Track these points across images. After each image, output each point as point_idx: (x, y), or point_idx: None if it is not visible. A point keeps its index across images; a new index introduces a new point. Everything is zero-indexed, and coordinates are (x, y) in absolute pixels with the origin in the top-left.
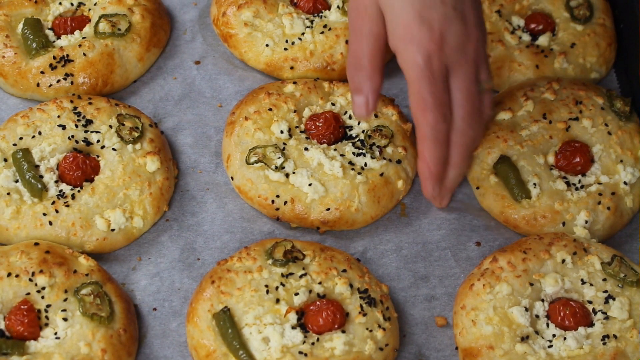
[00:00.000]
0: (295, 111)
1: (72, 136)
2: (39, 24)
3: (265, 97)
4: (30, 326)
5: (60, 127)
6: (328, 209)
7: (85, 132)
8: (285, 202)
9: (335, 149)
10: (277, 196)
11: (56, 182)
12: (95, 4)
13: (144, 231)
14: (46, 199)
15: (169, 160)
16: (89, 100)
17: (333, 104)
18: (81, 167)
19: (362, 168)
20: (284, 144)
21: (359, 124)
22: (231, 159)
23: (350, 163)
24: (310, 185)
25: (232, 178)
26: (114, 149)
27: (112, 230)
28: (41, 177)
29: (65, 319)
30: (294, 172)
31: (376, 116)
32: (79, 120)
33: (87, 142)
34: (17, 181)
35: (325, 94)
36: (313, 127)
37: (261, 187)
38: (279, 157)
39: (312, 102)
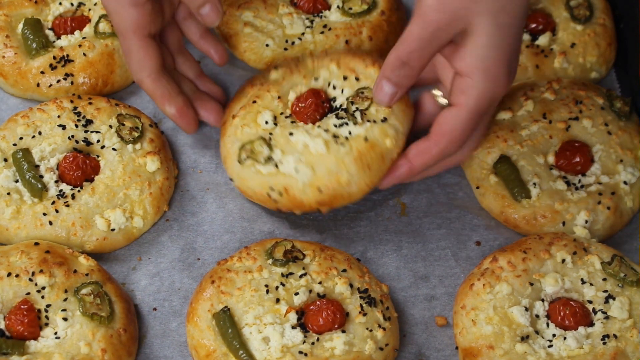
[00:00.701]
0: (279, 97)
1: (72, 136)
2: (39, 24)
3: (249, 89)
4: (30, 326)
5: (60, 127)
6: (320, 190)
7: (85, 132)
8: (280, 193)
9: (319, 126)
10: (272, 188)
11: (56, 182)
12: (95, 4)
13: (144, 231)
14: (46, 199)
15: (169, 160)
16: (89, 100)
17: (316, 79)
18: (81, 167)
19: (347, 138)
20: (270, 134)
21: (342, 92)
22: (227, 160)
23: (335, 136)
24: (296, 170)
25: (232, 180)
26: (114, 149)
27: (112, 230)
28: (41, 177)
29: (65, 319)
30: (282, 160)
31: (357, 79)
32: (79, 120)
33: (87, 142)
34: (17, 181)
35: (308, 71)
36: (297, 109)
37: (255, 183)
38: (266, 149)
39: (295, 82)
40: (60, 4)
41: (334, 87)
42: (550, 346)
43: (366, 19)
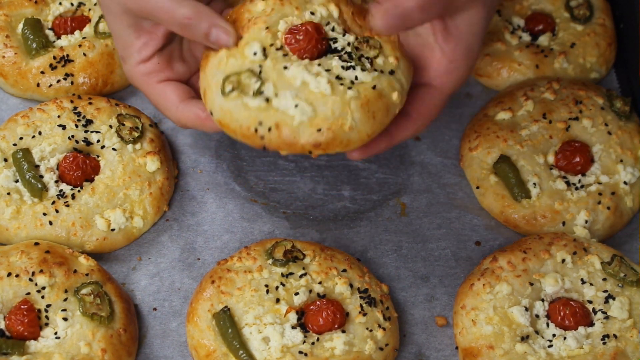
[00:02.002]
0: (267, 28)
1: (72, 136)
2: (39, 24)
3: (235, 22)
4: (31, 326)
5: (60, 127)
6: (319, 130)
7: (85, 132)
8: (270, 129)
9: (319, 64)
10: (260, 123)
11: (56, 182)
12: (95, 4)
13: (144, 231)
14: (46, 199)
15: (169, 160)
16: (89, 100)
17: (312, 14)
18: (81, 167)
19: (352, 82)
20: (260, 66)
21: (344, 35)
22: (207, 92)
23: (338, 78)
24: (296, 106)
25: (211, 113)
26: (114, 149)
27: (112, 230)
28: (41, 177)
29: (65, 319)
30: (276, 95)
31: (360, 28)
32: (79, 120)
33: (87, 142)
34: (17, 181)
35: (301, 3)
36: (293, 40)
37: (241, 117)
38: (256, 82)
39: (286, 13)
40: (60, 4)
41: (333, 29)
42: (550, 346)
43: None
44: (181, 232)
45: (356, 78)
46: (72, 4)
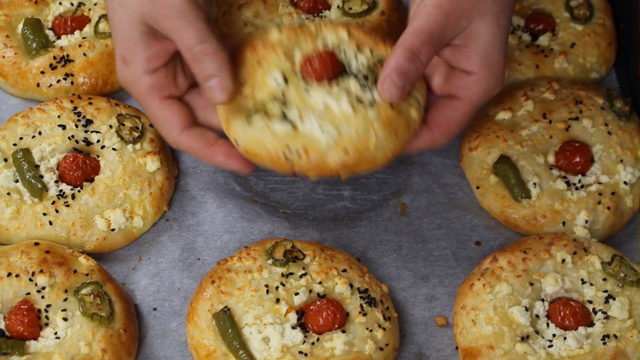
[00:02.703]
0: (285, 56)
1: (72, 136)
2: (39, 24)
3: (251, 53)
4: (30, 326)
5: (60, 127)
6: (346, 151)
7: (86, 132)
8: (299, 153)
9: (338, 87)
10: (288, 148)
11: (56, 182)
12: (95, 4)
13: (144, 231)
14: (46, 199)
15: (169, 160)
16: (89, 100)
17: (324, 42)
18: (81, 167)
19: (371, 103)
20: (283, 93)
21: (357, 58)
22: (231, 121)
23: (358, 99)
24: (322, 129)
25: (236, 142)
26: (114, 149)
27: (112, 230)
28: (41, 177)
29: (65, 319)
30: (301, 119)
31: (372, 52)
32: (79, 120)
33: (87, 142)
34: (17, 181)
35: (313, 32)
36: (310, 68)
37: (269, 143)
38: (280, 108)
39: (300, 43)
40: (60, 4)
41: (345, 53)
42: (550, 346)
43: (366, 19)
44: (181, 232)
45: (374, 99)
46: (72, 4)
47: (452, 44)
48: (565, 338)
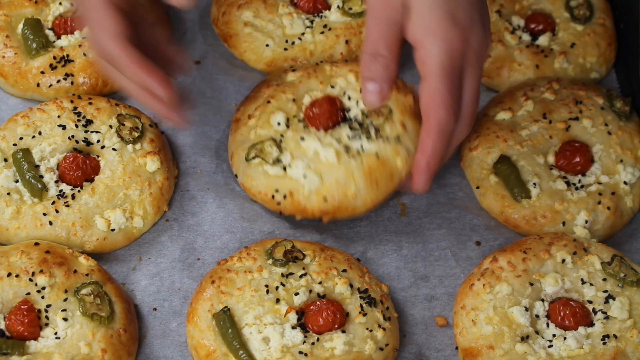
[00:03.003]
0: (294, 100)
1: (72, 136)
2: (39, 24)
3: (265, 89)
4: (31, 326)
5: (60, 127)
6: (325, 199)
7: (86, 132)
8: (285, 196)
9: (332, 135)
10: (277, 190)
11: (56, 182)
12: None
13: (144, 231)
14: (46, 199)
15: (169, 160)
16: (89, 100)
17: (332, 87)
18: (81, 167)
19: (359, 151)
20: (282, 135)
21: (357, 103)
22: (234, 156)
23: (347, 147)
24: (305, 176)
25: (236, 176)
26: (114, 149)
27: (112, 230)
28: (41, 177)
29: (65, 319)
30: (290, 165)
31: None
32: (79, 120)
33: (87, 142)
34: (17, 181)
35: (326, 77)
36: (311, 113)
37: (261, 183)
38: (276, 150)
39: (312, 87)
40: (60, 4)
41: (349, 98)
42: (550, 346)
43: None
44: (181, 232)
45: (362, 147)
46: (72, 4)
47: (403, 21)
48: (565, 338)
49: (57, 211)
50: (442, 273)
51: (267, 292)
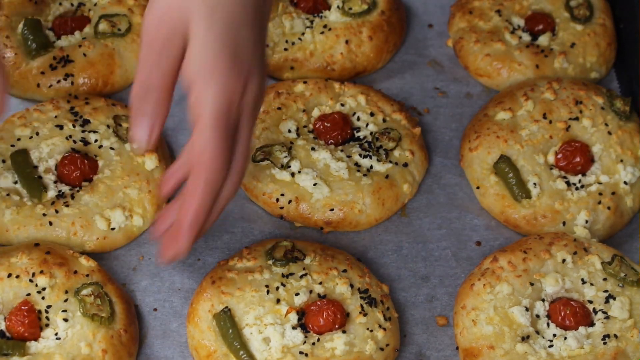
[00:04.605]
0: (304, 110)
1: (70, 136)
2: (39, 24)
3: (274, 96)
4: (31, 327)
5: (57, 128)
6: (332, 210)
7: (83, 132)
8: (290, 201)
9: (342, 150)
10: (282, 195)
11: (55, 182)
12: (95, 4)
13: (144, 229)
14: (46, 200)
15: (167, 158)
16: (85, 100)
17: (342, 105)
18: (80, 167)
19: (368, 170)
20: (291, 143)
21: (367, 125)
22: None
23: (357, 165)
24: (315, 185)
25: None
26: (112, 149)
27: (112, 229)
28: (40, 177)
29: (65, 320)
30: (299, 172)
31: (384, 120)
32: (76, 121)
33: (85, 142)
34: (16, 182)
35: (335, 94)
36: (321, 127)
37: (266, 185)
38: (286, 156)
39: (321, 102)
40: (60, 4)
41: (359, 119)
42: (550, 346)
43: (366, 19)
44: None
45: (372, 167)
46: (72, 5)
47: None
48: (565, 338)
49: (56, 211)
50: (443, 273)
51: (268, 292)
